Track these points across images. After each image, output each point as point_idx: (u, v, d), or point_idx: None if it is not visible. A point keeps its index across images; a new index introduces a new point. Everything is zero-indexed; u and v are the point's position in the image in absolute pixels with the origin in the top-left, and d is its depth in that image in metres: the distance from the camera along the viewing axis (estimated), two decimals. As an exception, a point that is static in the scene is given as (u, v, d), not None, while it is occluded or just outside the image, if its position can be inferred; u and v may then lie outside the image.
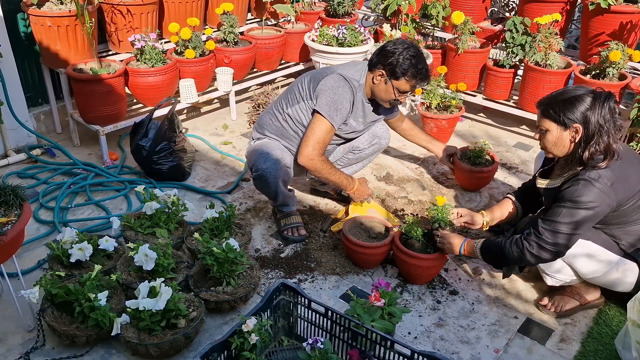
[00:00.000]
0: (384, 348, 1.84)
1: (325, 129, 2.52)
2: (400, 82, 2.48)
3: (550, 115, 2.08)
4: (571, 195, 2.02)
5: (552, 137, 2.10)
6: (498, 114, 4.03)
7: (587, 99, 2.01)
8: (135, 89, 3.45)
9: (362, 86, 2.59)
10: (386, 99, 2.57)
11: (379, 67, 2.50)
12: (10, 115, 3.24)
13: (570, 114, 2.03)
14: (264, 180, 2.60)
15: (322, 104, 2.51)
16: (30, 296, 1.98)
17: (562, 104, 2.05)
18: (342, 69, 2.60)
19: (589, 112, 2.00)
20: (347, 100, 2.53)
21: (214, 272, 2.22)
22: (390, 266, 2.58)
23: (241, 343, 1.81)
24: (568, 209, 2.03)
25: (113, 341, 2.10)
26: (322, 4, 4.60)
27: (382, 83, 2.52)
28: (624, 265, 2.16)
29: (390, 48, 2.47)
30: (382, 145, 2.93)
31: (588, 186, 2.00)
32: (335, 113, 2.51)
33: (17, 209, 1.99)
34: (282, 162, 2.58)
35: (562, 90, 2.14)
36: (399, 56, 2.43)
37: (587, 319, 2.31)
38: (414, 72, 2.45)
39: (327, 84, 2.53)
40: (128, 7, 3.49)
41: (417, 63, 2.44)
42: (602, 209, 2.02)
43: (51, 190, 3.06)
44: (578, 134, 2.04)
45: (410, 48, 2.46)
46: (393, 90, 2.51)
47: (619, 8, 3.45)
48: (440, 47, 4.09)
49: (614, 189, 2.00)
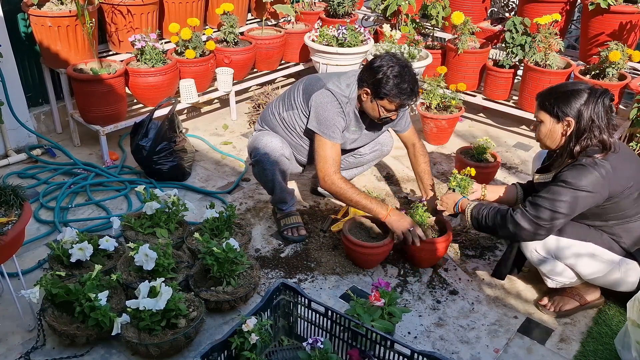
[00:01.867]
0: (383, 348, 1.84)
1: (329, 147, 2.49)
2: (384, 102, 2.42)
3: (546, 107, 2.13)
4: (563, 177, 2.07)
5: (545, 128, 2.15)
6: (498, 114, 4.04)
7: (583, 94, 2.04)
8: (135, 89, 3.45)
9: (353, 100, 2.53)
10: (375, 117, 2.52)
11: (364, 85, 2.45)
12: (10, 115, 3.24)
13: (564, 108, 2.06)
14: (262, 166, 2.61)
15: (316, 124, 2.50)
16: (31, 296, 1.99)
17: (559, 97, 2.09)
18: (332, 83, 2.54)
19: (583, 107, 2.03)
20: (338, 114, 2.49)
21: (214, 272, 2.22)
22: (390, 266, 2.58)
23: (241, 343, 1.81)
24: (557, 187, 2.08)
25: (113, 341, 2.10)
26: (322, 4, 4.60)
27: (368, 101, 2.47)
28: (625, 265, 2.16)
29: (376, 65, 2.40)
30: (384, 152, 2.93)
31: (581, 169, 2.03)
32: (331, 129, 2.48)
33: (18, 208, 2.00)
34: (280, 151, 2.60)
35: (562, 83, 2.18)
36: (382, 75, 2.36)
37: (587, 319, 2.31)
38: (397, 92, 2.37)
39: (317, 101, 2.50)
40: (128, 7, 3.49)
41: (401, 83, 2.36)
42: (590, 195, 2.03)
43: (51, 190, 3.06)
44: (570, 128, 2.07)
45: (394, 67, 2.37)
46: (378, 109, 2.46)
47: (618, 8, 3.46)
48: (440, 47, 4.10)
49: (607, 178, 2.02)
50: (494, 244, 2.76)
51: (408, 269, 2.57)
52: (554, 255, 2.16)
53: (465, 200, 2.43)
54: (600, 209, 2.11)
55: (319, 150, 2.52)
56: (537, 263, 2.22)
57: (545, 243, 2.15)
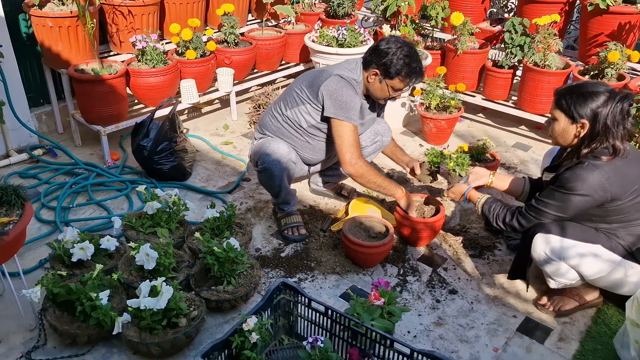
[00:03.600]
0: (383, 347, 1.85)
1: (350, 130, 2.52)
2: (394, 81, 2.50)
3: (562, 106, 2.10)
4: (561, 179, 2.09)
5: (559, 127, 2.14)
6: (497, 115, 4.04)
7: (601, 98, 2.02)
8: (136, 89, 3.46)
9: (360, 83, 2.60)
10: (381, 97, 2.60)
11: (372, 67, 2.52)
12: (12, 116, 3.25)
13: (580, 109, 2.05)
14: (270, 173, 2.61)
15: (333, 108, 2.52)
16: (32, 295, 1.99)
17: (576, 97, 2.06)
18: (338, 69, 2.60)
19: (600, 111, 2.01)
20: (353, 95, 2.54)
21: (215, 271, 2.23)
22: (390, 265, 2.59)
23: (242, 342, 1.82)
24: (552, 189, 2.11)
25: (114, 340, 2.11)
26: (322, 5, 4.61)
27: (377, 82, 2.54)
28: (627, 266, 2.16)
29: (384, 47, 2.48)
30: (385, 143, 2.94)
31: (580, 172, 2.04)
32: (350, 112, 2.52)
33: (19, 208, 2.01)
34: (287, 156, 2.62)
35: (581, 83, 2.14)
36: (392, 56, 2.45)
37: (586, 318, 2.32)
38: (408, 71, 2.47)
39: (331, 87, 2.53)
40: (129, 8, 3.51)
41: (411, 62, 2.46)
42: (584, 198, 2.05)
43: (53, 190, 3.07)
44: (584, 130, 2.06)
45: (403, 47, 2.47)
46: (388, 89, 2.53)
47: (617, 9, 3.47)
48: (440, 47, 4.10)
49: (607, 181, 2.02)
50: (494, 244, 2.77)
51: (408, 268, 2.58)
52: (559, 256, 2.16)
53: (473, 191, 2.48)
54: (603, 211, 2.11)
55: (341, 135, 2.53)
56: (542, 263, 2.22)
57: (550, 244, 2.16)
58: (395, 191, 2.64)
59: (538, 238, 2.18)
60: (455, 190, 2.57)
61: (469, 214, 2.99)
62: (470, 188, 2.52)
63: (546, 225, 2.17)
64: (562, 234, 2.15)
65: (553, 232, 2.15)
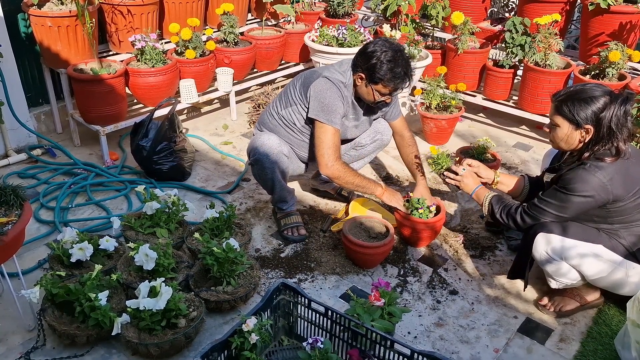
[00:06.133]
0: (383, 348, 1.85)
1: (330, 133, 2.52)
2: (379, 86, 2.47)
3: (564, 113, 2.09)
4: (562, 180, 2.09)
5: (562, 133, 2.13)
6: (498, 114, 4.04)
7: (601, 100, 2.02)
8: (135, 89, 3.45)
9: (350, 85, 2.57)
10: (369, 101, 2.57)
11: (359, 70, 2.49)
12: (10, 115, 3.24)
13: (583, 115, 2.04)
14: (261, 165, 2.62)
15: (316, 110, 2.51)
16: (31, 296, 1.99)
17: (578, 103, 2.05)
18: (327, 71, 2.59)
19: (603, 115, 2.01)
20: (337, 99, 2.52)
21: (214, 271, 2.22)
22: (390, 266, 2.58)
23: (241, 343, 1.81)
24: (554, 190, 2.12)
25: (113, 341, 2.11)
26: (322, 5, 4.61)
27: (363, 86, 2.52)
28: (628, 266, 2.16)
29: (369, 51, 2.45)
30: (384, 142, 2.93)
31: (581, 173, 2.04)
32: (331, 115, 2.51)
33: (18, 208, 2.00)
34: (278, 148, 2.61)
35: (579, 87, 2.12)
36: (376, 61, 2.41)
37: (587, 319, 2.31)
38: (391, 76, 2.42)
39: (316, 89, 2.52)
40: (128, 7, 3.50)
41: (394, 67, 2.40)
42: (586, 200, 2.06)
43: (52, 190, 3.06)
44: (588, 135, 2.07)
45: (388, 51, 2.41)
46: (373, 93, 2.50)
47: (618, 8, 3.46)
48: (440, 47, 4.10)
49: (609, 182, 2.02)
50: (494, 244, 2.76)
51: (408, 269, 2.57)
52: (560, 256, 2.16)
53: (482, 189, 2.45)
54: (605, 212, 2.11)
55: (320, 137, 2.53)
56: (543, 263, 2.22)
57: (552, 244, 2.15)
58: (374, 189, 2.63)
59: (539, 237, 2.17)
60: (468, 184, 2.49)
61: (469, 214, 2.99)
62: (480, 186, 2.48)
63: (547, 225, 2.16)
64: (563, 234, 2.15)
65: (554, 231, 2.15)
